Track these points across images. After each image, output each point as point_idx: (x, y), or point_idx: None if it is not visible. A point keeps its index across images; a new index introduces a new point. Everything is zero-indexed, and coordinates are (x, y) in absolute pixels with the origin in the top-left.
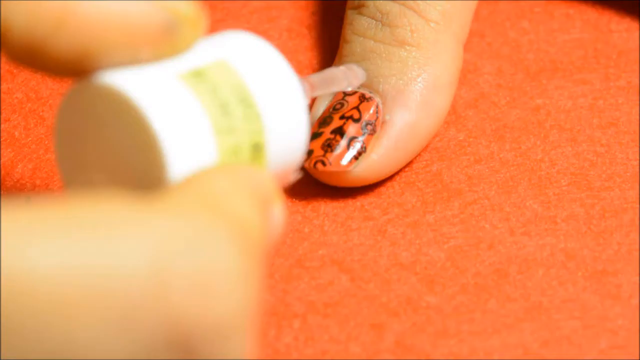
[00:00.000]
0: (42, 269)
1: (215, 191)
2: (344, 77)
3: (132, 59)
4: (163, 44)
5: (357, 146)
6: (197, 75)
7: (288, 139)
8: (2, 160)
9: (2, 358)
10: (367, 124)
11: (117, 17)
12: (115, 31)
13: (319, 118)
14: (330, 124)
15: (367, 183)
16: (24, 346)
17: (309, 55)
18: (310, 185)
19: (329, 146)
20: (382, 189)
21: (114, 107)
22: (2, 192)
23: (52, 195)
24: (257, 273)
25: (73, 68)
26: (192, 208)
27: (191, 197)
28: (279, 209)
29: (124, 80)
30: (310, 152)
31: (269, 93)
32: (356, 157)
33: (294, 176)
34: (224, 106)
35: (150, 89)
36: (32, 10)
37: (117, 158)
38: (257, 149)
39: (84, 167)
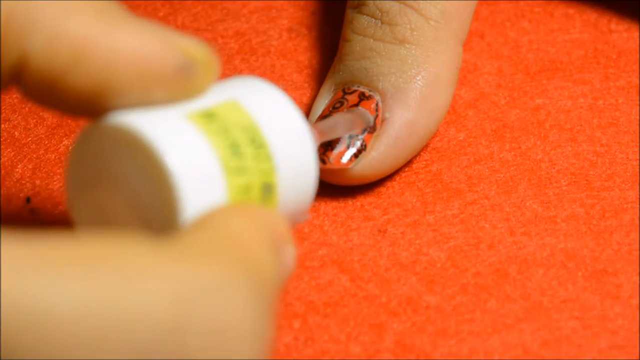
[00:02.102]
0: (62, 309)
1: (231, 233)
2: (350, 124)
3: (146, 100)
4: (176, 85)
5: (357, 144)
6: (208, 115)
7: (298, 180)
8: (2, 160)
9: None
10: None
11: (133, 55)
12: (131, 69)
13: (319, 116)
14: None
15: (367, 181)
16: None
17: (309, 55)
18: None
19: (329, 144)
20: (382, 189)
21: (126, 146)
22: (2, 192)
23: (70, 233)
24: (271, 316)
25: (88, 106)
26: (208, 251)
27: (207, 239)
28: (291, 249)
29: (136, 120)
30: None
31: (279, 134)
32: (356, 155)
33: (303, 218)
34: (235, 146)
35: (161, 130)
36: (52, 42)
37: (130, 198)
38: (268, 190)
39: (96, 207)
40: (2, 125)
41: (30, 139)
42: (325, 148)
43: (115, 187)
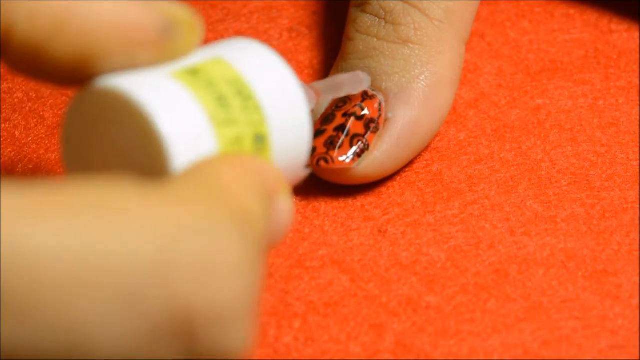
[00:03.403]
0: (49, 248)
1: (218, 179)
2: (349, 83)
3: (131, 63)
4: (160, 47)
5: (359, 144)
6: (192, 72)
7: (291, 133)
8: (2, 160)
9: (5, 336)
10: (369, 122)
11: (115, 19)
12: (113, 33)
13: (322, 115)
14: (332, 121)
15: (369, 180)
16: (27, 324)
17: (310, 55)
18: (311, 185)
19: (331, 143)
20: (383, 189)
21: (113, 107)
22: None
23: (63, 181)
24: (259, 262)
25: (73, 73)
26: (196, 195)
27: (194, 184)
28: (285, 200)
29: (120, 81)
30: (313, 150)
31: (267, 87)
32: (359, 155)
33: (302, 173)
34: (222, 99)
35: (146, 88)
36: (35, 11)
37: (122, 157)
38: (260, 141)
39: (91, 169)
40: (3, 125)
41: (30, 138)
42: (328, 147)
43: (107, 148)
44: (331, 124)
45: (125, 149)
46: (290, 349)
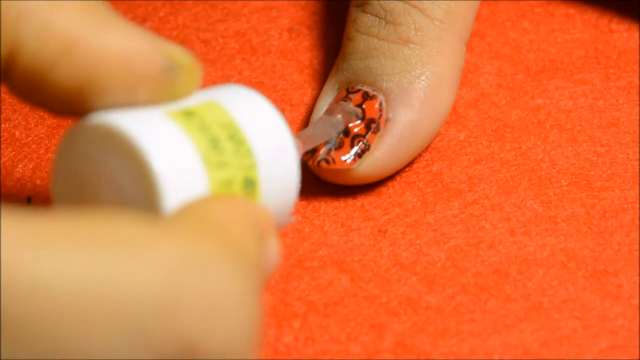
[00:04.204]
0: (60, 282)
1: (215, 217)
2: (334, 127)
3: (129, 99)
4: (160, 86)
5: (360, 144)
6: (187, 114)
7: (280, 179)
8: (2, 160)
9: None
10: (370, 122)
11: (120, 53)
12: (117, 66)
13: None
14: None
15: (370, 181)
16: (32, 353)
17: (310, 55)
18: (311, 185)
19: (332, 144)
20: (383, 189)
21: (108, 143)
22: (2, 192)
23: (67, 212)
24: (258, 298)
25: (72, 102)
26: (196, 232)
27: (193, 221)
28: (274, 243)
29: (117, 118)
30: (314, 151)
31: (258, 133)
32: (360, 155)
33: (288, 220)
34: (215, 141)
35: (142, 127)
36: (45, 32)
37: (113, 193)
38: (250, 185)
39: (80, 204)
40: (3, 125)
41: (30, 138)
42: (329, 148)
43: (99, 183)
44: None
45: (118, 185)
46: (291, 349)
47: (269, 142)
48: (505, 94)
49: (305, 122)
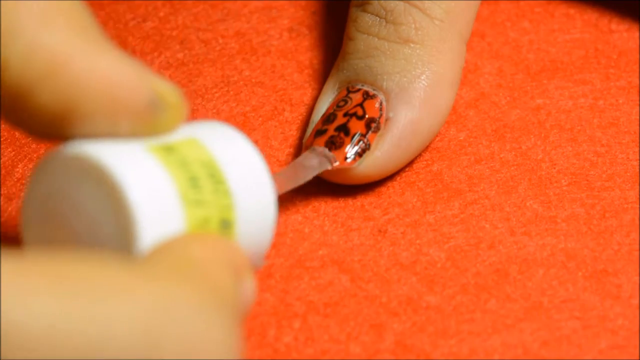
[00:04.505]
0: (38, 324)
1: (192, 257)
2: (311, 170)
3: (111, 130)
4: (143, 120)
5: (360, 143)
6: (167, 149)
7: (257, 222)
8: (2, 160)
9: None
10: (370, 121)
11: (106, 79)
12: (102, 93)
13: (323, 115)
14: (334, 121)
15: (370, 180)
16: None
17: (310, 55)
18: (311, 185)
19: (332, 143)
20: (383, 189)
21: (83, 173)
22: (2, 191)
23: (45, 251)
24: (237, 337)
25: (53, 126)
26: (174, 274)
27: (170, 264)
28: (250, 282)
29: (95, 149)
30: (314, 150)
31: (238, 174)
32: (360, 154)
33: (260, 263)
34: (194, 179)
35: (121, 160)
36: (33, 50)
37: (87, 228)
38: (226, 226)
39: (53, 236)
40: (3, 125)
41: (30, 138)
42: (329, 147)
43: (73, 217)
44: (332, 124)
45: (92, 218)
46: (290, 348)
47: (248, 184)
48: (505, 94)
49: (305, 122)
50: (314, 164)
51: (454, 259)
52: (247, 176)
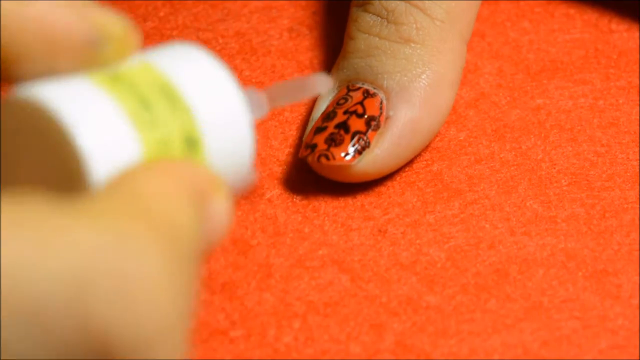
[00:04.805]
0: None
1: (140, 192)
2: (306, 86)
3: (52, 68)
4: (84, 57)
5: (360, 141)
6: (113, 78)
7: (229, 134)
8: None
9: None
10: (370, 120)
11: (40, 21)
12: (38, 34)
13: (323, 113)
14: (334, 118)
15: (369, 178)
16: None
17: (310, 55)
18: (311, 185)
19: (332, 140)
20: (383, 189)
21: (29, 117)
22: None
23: None
24: (187, 277)
25: None
26: (115, 211)
27: (115, 199)
28: (220, 202)
29: (35, 90)
30: (314, 146)
31: (198, 89)
32: (359, 152)
33: (248, 178)
34: (144, 101)
35: (62, 94)
36: None
37: (42, 168)
38: (191, 144)
39: (13, 181)
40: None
41: None
42: (329, 144)
43: (28, 160)
44: (332, 121)
45: (44, 161)
46: (290, 348)
47: (211, 97)
48: (505, 93)
49: (305, 122)
50: (312, 80)
51: (454, 259)
52: (210, 90)
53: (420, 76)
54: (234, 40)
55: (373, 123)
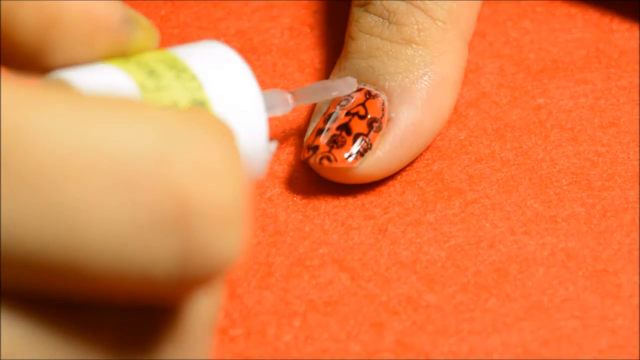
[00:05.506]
0: (50, 130)
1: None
2: (332, 87)
3: (88, 51)
4: (119, 38)
5: (362, 143)
6: (126, 59)
7: (239, 101)
8: None
9: (5, 215)
10: (372, 121)
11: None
12: (77, 8)
13: (325, 114)
14: (336, 120)
15: (371, 180)
16: (27, 202)
17: (311, 54)
18: (311, 183)
19: (334, 142)
20: (383, 188)
21: None
22: None
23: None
24: (245, 175)
25: (30, 57)
26: (180, 111)
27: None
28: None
29: (68, 72)
30: (315, 148)
31: (206, 64)
32: (361, 154)
33: (265, 147)
34: (152, 71)
35: (84, 73)
36: None
37: None
38: (200, 105)
39: None
40: None
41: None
42: (331, 146)
43: None
44: (334, 123)
45: None
46: (290, 347)
47: (220, 72)
48: (506, 93)
49: (306, 122)
50: (336, 83)
51: (454, 258)
52: (218, 67)
53: (422, 77)
54: (235, 39)
55: (375, 125)
